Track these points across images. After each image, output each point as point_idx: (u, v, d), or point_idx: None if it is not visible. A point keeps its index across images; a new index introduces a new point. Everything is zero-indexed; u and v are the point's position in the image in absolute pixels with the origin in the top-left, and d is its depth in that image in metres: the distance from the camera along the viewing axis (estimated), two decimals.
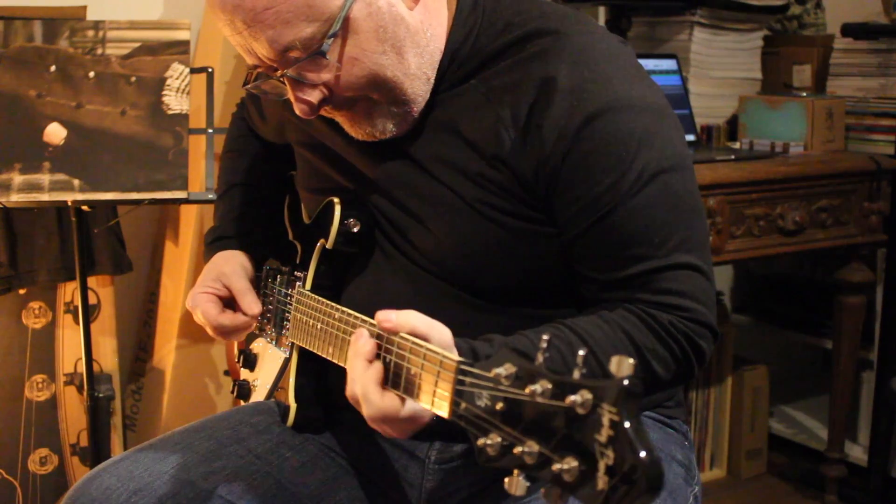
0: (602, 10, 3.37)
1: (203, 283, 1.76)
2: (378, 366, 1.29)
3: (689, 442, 1.71)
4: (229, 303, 1.75)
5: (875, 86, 3.23)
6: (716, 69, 3.29)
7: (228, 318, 1.72)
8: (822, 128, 3.14)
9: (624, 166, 1.40)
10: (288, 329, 1.70)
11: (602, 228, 1.42)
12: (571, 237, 1.45)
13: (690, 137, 3.12)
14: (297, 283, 1.68)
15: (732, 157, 2.97)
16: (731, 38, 3.29)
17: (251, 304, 1.73)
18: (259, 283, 1.82)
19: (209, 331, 1.74)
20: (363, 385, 1.29)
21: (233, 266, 1.78)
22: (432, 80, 1.50)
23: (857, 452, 3.42)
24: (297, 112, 1.47)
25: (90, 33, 2.44)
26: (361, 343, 1.31)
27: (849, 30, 3.24)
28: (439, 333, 1.28)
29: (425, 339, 1.25)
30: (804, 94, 3.27)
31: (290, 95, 1.46)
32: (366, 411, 1.29)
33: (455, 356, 1.16)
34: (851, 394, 3.31)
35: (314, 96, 1.45)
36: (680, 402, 1.73)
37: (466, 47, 1.50)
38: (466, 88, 1.50)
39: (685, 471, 1.63)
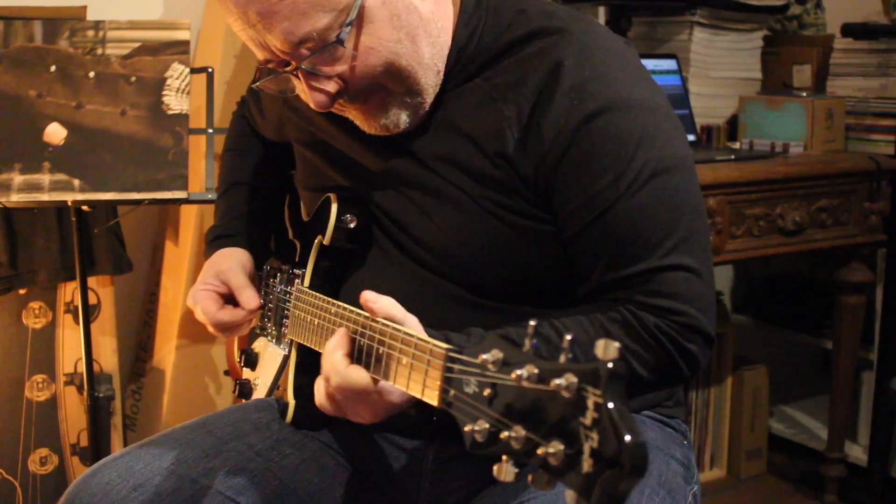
0: (602, 10, 3.37)
1: (203, 281, 1.76)
2: (341, 339, 1.35)
3: (688, 441, 1.71)
4: (230, 299, 1.75)
5: (875, 86, 3.23)
6: (716, 69, 3.29)
7: (228, 314, 1.72)
8: (822, 128, 3.14)
9: (622, 165, 1.40)
10: (287, 327, 1.70)
11: (599, 227, 1.42)
12: (569, 235, 1.46)
13: (690, 137, 3.12)
14: (297, 281, 1.68)
15: (732, 157, 2.97)
16: (731, 38, 3.29)
17: (250, 299, 1.72)
18: (260, 282, 1.83)
19: (209, 328, 1.75)
20: (331, 361, 1.34)
21: (231, 262, 1.78)
22: (442, 74, 1.51)
23: (857, 452, 3.42)
24: (313, 104, 1.46)
25: (90, 33, 2.44)
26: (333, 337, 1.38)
27: (849, 30, 3.24)
28: (415, 322, 1.31)
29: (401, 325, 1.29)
30: (804, 94, 3.27)
31: (305, 88, 1.45)
32: (334, 381, 1.33)
33: (444, 344, 1.16)
34: (851, 394, 3.31)
35: (330, 87, 1.44)
36: (679, 402, 1.73)
37: (472, 45, 1.51)
38: (470, 87, 1.51)
39: (684, 469, 1.62)
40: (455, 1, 1.53)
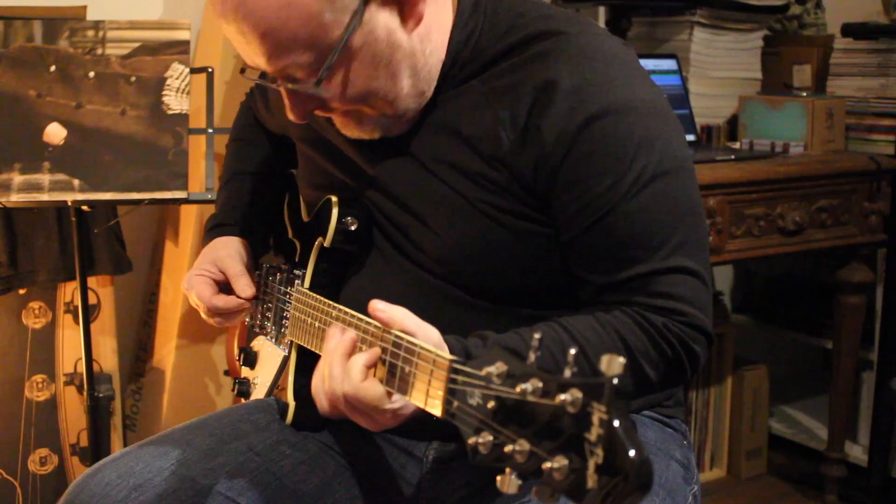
0: (602, 10, 3.36)
1: (199, 267, 1.78)
2: (371, 356, 1.32)
3: (688, 441, 1.71)
4: (225, 287, 1.77)
5: (875, 86, 3.23)
6: (716, 69, 3.29)
7: (222, 301, 1.74)
8: (822, 128, 3.14)
9: (623, 168, 1.40)
10: (287, 327, 1.70)
11: (599, 230, 1.42)
12: (569, 238, 1.46)
13: (690, 137, 3.12)
14: (296, 282, 1.68)
15: (732, 157, 2.97)
16: (731, 38, 3.29)
17: (245, 287, 1.74)
18: (259, 279, 1.83)
19: (203, 313, 1.76)
20: (345, 369, 1.32)
21: (228, 250, 1.79)
22: (428, 93, 1.51)
23: (857, 452, 3.42)
24: (291, 117, 1.49)
25: (90, 33, 2.44)
26: (342, 338, 1.35)
27: (849, 30, 3.24)
28: (426, 333, 1.30)
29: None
30: (804, 94, 3.27)
31: (285, 100, 1.47)
32: (344, 388, 1.32)
33: (447, 354, 1.16)
34: (851, 394, 3.31)
35: (308, 106, 1.47)
36: (679, 402, 1.73)
37: (468, 49, 1.50)
38: (467, 88, 1.51)
39: (684, 470, 1.63)
40: (453, 5, 1.53)
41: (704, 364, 1.49)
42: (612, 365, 0.86)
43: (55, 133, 2.40)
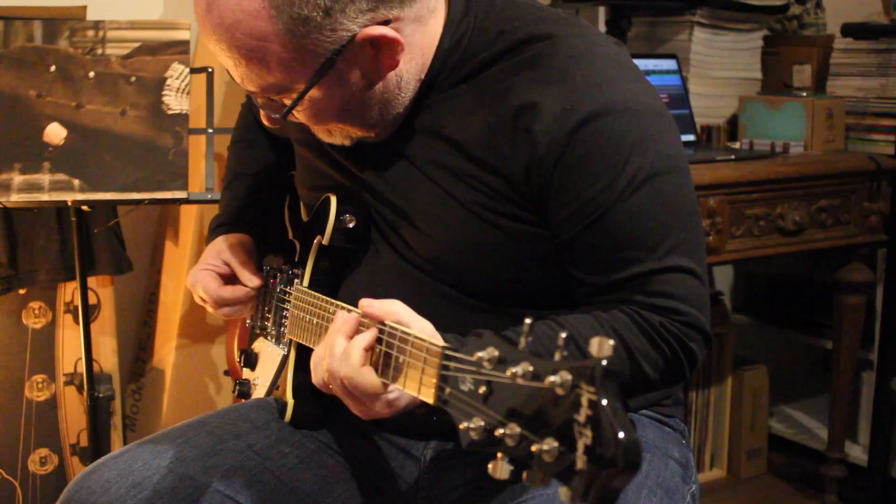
0: (602, 10, 3.37)
1: (203, 262, 1.79)
2: (369, 337, 1.33)
3: (687, 440, 1.71)
4: (230, 280, 1.78)
5: (875, 86, 3.22)
6: (716, 69, 3.29)
7: (229, 291, 1.76)
8: (822, 128, 3.14)
9: (617, 169, 1.40)
10: (286, 326, 1.70)
11: (595, 232, 1.42)
12: (565, 240, 1.45)
13: (690, 137, 3.13)
14: (296, 281, 1.69)
15: (732, 157, 2.97)
16: (731, 38, 3.29)
17: (251, 276, 1.76)
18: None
19: (209, 307, 1.77)
20: (347, 354, 1.33)
21: (231, 242, 1.81)
22: (402, 111, 1.52)
23: (857, 452, 3.41)
24: (263, 121, 1.54)
25: (90, 33, 2.44)
26: (347, 317, 1.36)
27: (849, 30, 3.24)
28: (420, 324, 1.31)
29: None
30: (804, 94, 3.26)
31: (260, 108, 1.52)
32: (343, 372, 1.33)
33: (440, 342, 1.17)
34: (851, 394, 3.31)
35: (279, 115, 1.50)
36: (678, 401, 1.73)
37: (457, 54, 1.50)
38: (456, 93, 1.51)
39: (682, 469, 1.62)
40: (445, 9, 1.53)
41: (704, 364, 1.49)
42: (602, 347, 0.86)
43: (55, 133, 2.41)
